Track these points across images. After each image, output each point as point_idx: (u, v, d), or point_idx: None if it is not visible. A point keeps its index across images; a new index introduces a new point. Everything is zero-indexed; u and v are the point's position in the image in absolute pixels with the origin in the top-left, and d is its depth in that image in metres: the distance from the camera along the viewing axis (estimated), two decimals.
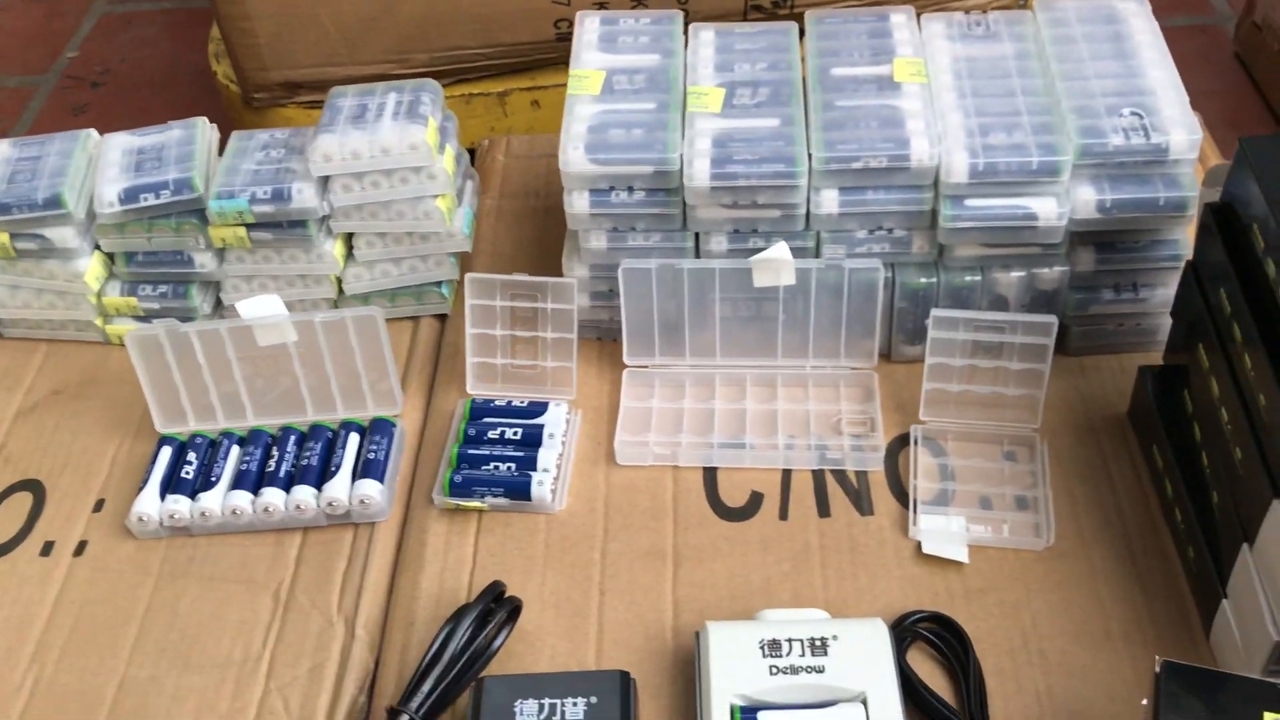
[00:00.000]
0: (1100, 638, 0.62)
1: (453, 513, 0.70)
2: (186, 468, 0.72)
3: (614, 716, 0.57)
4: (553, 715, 0.57)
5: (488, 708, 0.57)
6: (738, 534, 0.69)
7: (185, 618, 0.67)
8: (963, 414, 0.72)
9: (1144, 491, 0.69)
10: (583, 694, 0.58)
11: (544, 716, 0.57)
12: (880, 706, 0.56)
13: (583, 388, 0.76)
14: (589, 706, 0.57)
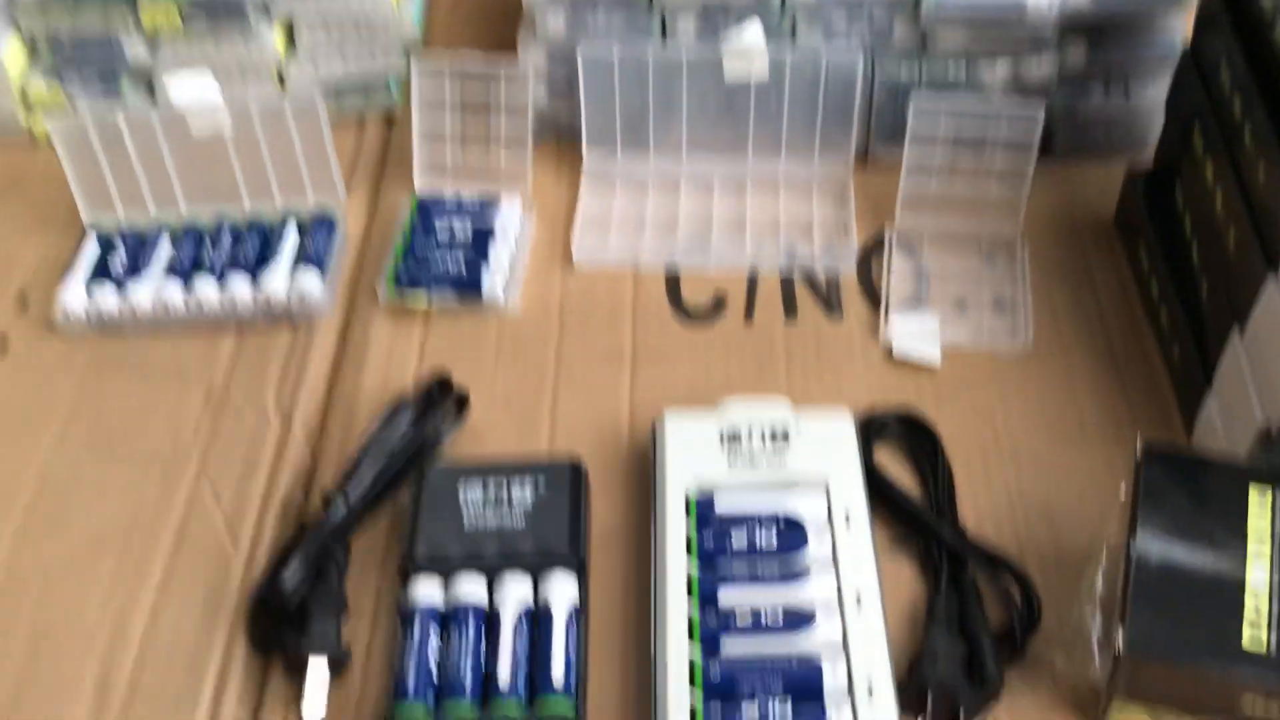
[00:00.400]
0: (1076, 437, 0.59)
1: (398, 311, 0.66)
2: (115, 260, 0.68)
3: (563, 503, 0.54)
4: (499, 501, 0.54)
5: (430, 494, 0.54)
6: (700, 336, 0.65)
7: (112, 414, 0.63)
8: (941, 216, 0.68)
9: (1127, 295, 0.65)
10: (531, 480, 0.54)
11: (489, 502, 0.54)
12: (842, 492, 0.53)
13: (541, 192, 0.72)
14: (537, 492, 0.54)
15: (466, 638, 0.51)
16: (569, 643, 0.51)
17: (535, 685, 0.50)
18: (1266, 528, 0.46)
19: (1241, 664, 0.42)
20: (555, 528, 0.53)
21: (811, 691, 0.48)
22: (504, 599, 0.52)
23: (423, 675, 0.50)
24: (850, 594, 0.50)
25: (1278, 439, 0.50)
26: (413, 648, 0.51)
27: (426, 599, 0.52)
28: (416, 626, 0.51)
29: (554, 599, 0.52)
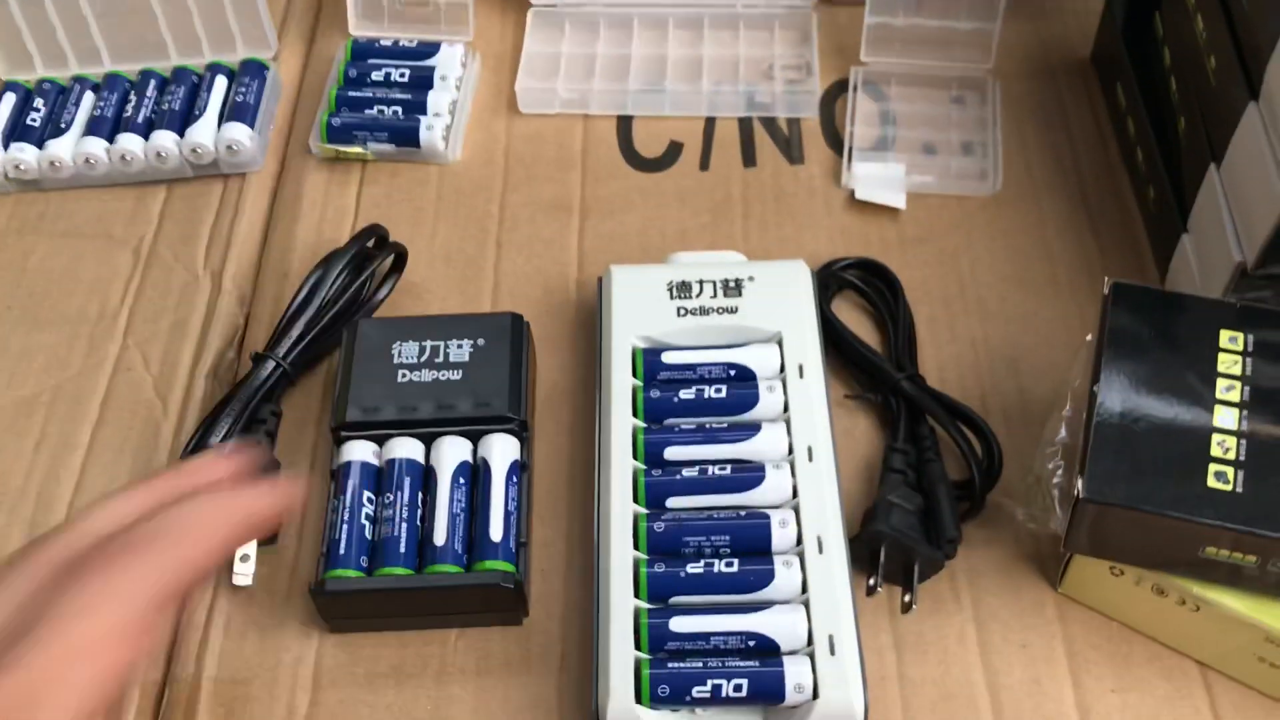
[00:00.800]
0: (1045, 284, 0.56)
1: (333, 162, 0.63)
2: (33, 115, 0.63)
3: (503, 358, 0.51)
4: (435, 356, 0.51)
5: (362, 351, 0.51)
6: (653, 185, 0.62)
7: (34, 275, 0.60)
8: (909, 53, 0.64)
9: (1103, 136, 0.62)
10: (469, 335, 0.52)
11: (425, 358, 0.51)
12: (797, 346, 0.51)
13: (483, 32, 0.67)
14: (475, 348, 0.51)
15: (401, 498, 0.48)
16: (508, 502, 0.48)
17: (474, 546, 0.47)
18: (1238, 369, 0.43)
19: (1204, 506, 0.40)
20: (494, 384, 0.50)
21: (759, 546, 0.46)
22: (440, 458, 0.49)
23: (355, 538, 0.47)
24: (802, 448, 0.48)
25: (1254, 275, 0.47)
26: (344, 510, 0.48)
27: (358, 459, 0.49)
28: (349, 488, 0.48)
29: (493, 458, 0.49)
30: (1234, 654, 0.45)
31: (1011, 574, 0.48)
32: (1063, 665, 0.46)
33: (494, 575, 0.46)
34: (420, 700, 0.47)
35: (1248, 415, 0.42)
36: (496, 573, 0.46)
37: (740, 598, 0.45)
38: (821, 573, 0.45)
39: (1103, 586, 0.46)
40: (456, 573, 0.47)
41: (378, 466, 0.49)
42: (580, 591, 0.49)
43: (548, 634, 0.48)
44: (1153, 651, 0.46)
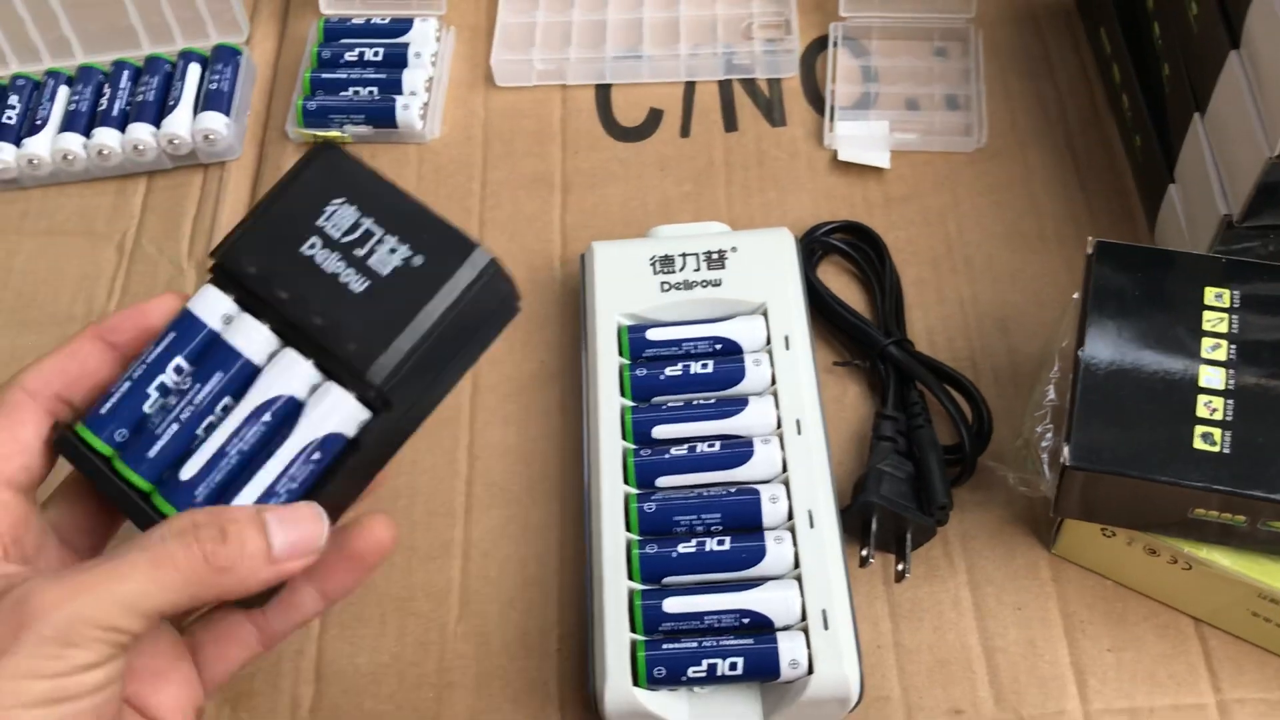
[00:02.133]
0: (1033, 240, 0.56)
1: (311, 146, 0.62)
2: (9, 113, 0.63)
3: (421, 298, 0.36)
4: (358, 245, 0.36)
5: (302, 185, 0.38)
6: (633, 155, 0.61)
7: (20, 276, 0.60)
8: (889, 6, 0.62)
9: (1089, 83, 0.61)
10: (415, 246, 0.36)
11: (348, 238, 0.36)
12: (782, 316, 0.50)
13: (456, 4, 0.66)
14: (406, 265, 0.36)
15: (199, 392, 0.36)
16: (286, 477, 0.36)
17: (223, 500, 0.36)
18: (1223, 326, 0.43)
19: (1192, 469, 0.40)
20: (383, 325, 0.36)
21: (750, 523, 0.46)
22: (265, 375, 0.36)
23: (128, 406, 0.37)
24: (790, 421, 0.48)
25: (1239, 227, 0.46)
26: (143, 365, 0.37)
27: (200, 315, 0.37)
28: (163, 343, 0.37)
29: (310, 414, 0.36)
30: (1227, 610, 0.45)
31: (1004, 537, 0.48)
32: (1058, 626, 0.46)
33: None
34: (422, 688, 0.47)
35: (1234, 374, 0.42)
36: None
37: (733, 575, 0.45)
38: (813, 547, 0.45)
39: (1095, 547, 0.46)
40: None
41: (215, 335, 0.37)
42: (574, 575, 0.49)
43: (544, 619, 0.48)
44: (1147, 609, 0.46)
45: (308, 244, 0.37)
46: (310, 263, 0.37)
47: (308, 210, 0.37)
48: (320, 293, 0.36)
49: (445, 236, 0.37)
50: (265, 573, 0.33)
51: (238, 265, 0.37)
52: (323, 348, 0.36)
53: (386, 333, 0.36)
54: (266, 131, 0.63)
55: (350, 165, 0.38)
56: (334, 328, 0.36)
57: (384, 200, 0.38)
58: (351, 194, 0.38)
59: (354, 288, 0.36)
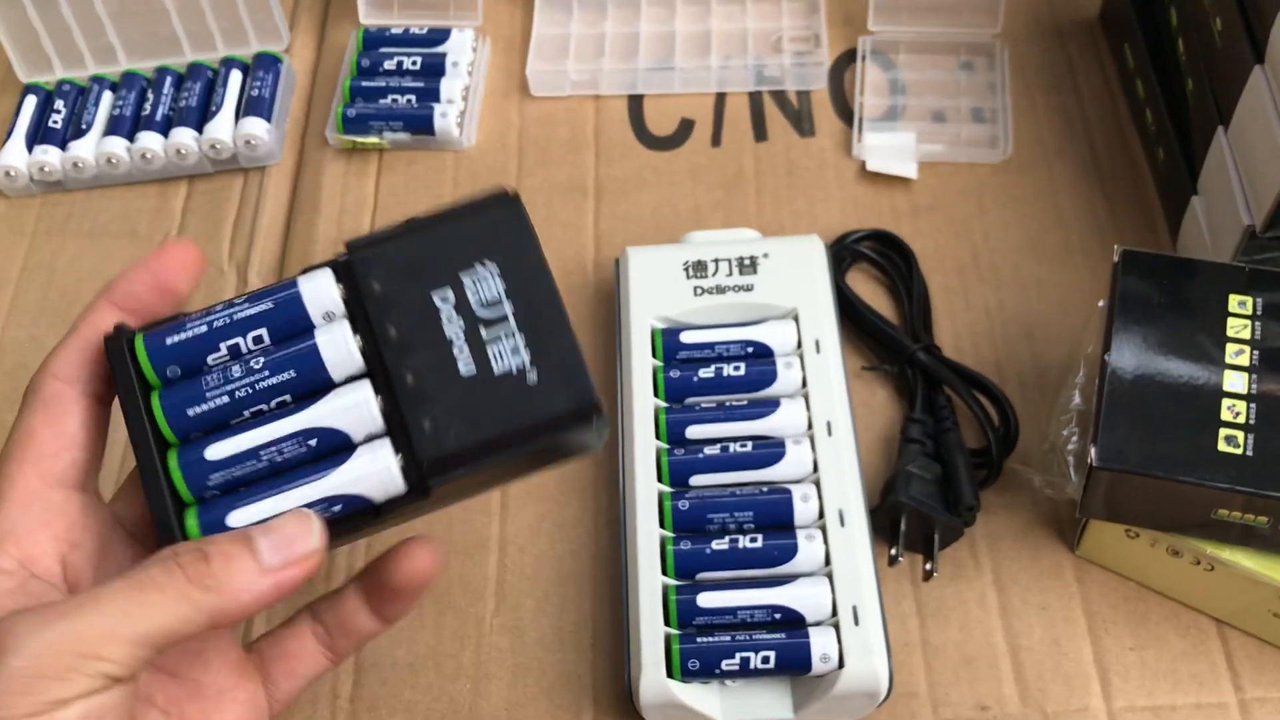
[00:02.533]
0: (1058, 250, 0.57)
1: (350, 153, 0.64)
2: (55, 117, 0.65)
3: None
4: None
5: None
6: (665, 163, 0.62)
7: (64, 275, 0.61)
8: (916, 21, 0.64)
9: (1113, 97, 0.62)
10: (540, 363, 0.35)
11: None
12: (813, 321, 0.51)
13: (492, 16, 0.68)
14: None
15: (263, 377, 0.35)
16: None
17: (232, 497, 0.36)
18: (1246, 333, 0.44)
19: (1215, 470, 0.41)
20: (465, 422, 0.34)
21: (782, 521, 0.47)
22: (330, 400, 0.35)
23: (192, 351, 0.35)
24: (821, 422, 0.49)
25: (1262, 237, 0.48)
26: (222, 318, 0.35)
27: (309, 291, 0.35)
28: (255, 307, 0.35)
29: (353, 467, 0.35)
30: (1248, 610, 0.46)
31: (1030, 538, 0.49)
32: (1082, 625, 0.47)
33: (175, 541, 0.34)
34: (459, 680, 0.48)
35: (1257, 379, 0.43)
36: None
37: (765, 572, 0.46)
38: (844, 545, 0.46)
39: (1119, 548, 0.47)
40: (190, 523, 0.34)
41: (309, 325, 0.36)
42: (609, 570, 0.50)
43: (579, 613, 0.49)
44: (1169, 610, 0.47)
45: (441, 293, 0.35)
46: (434, 315, 0.34)
47: (460, 256, 0.35)
48: (426, 353, 0.34)
49: (570, 369, 0.34)
50: (262, 584, 0.32)
51: (366, 273, 0.35)
52: (398, 407, 0.34)
53: (463, 433, 0.34)
54: (306, 137, 0.65)
55: (524, 233, 0.36)
56: (420, 395, 0.34)
57: (535, 291, 0.35)
58: (508, 264, 0.35)
59: (459, 367, 0.34)
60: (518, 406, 0.34)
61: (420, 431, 0.34)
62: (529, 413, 0.34)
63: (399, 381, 0.34)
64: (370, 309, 0.34)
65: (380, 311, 0.34)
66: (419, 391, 0.34)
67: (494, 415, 0.34)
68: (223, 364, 0.35)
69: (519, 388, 0.34)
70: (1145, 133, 0.59)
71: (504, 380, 0.34)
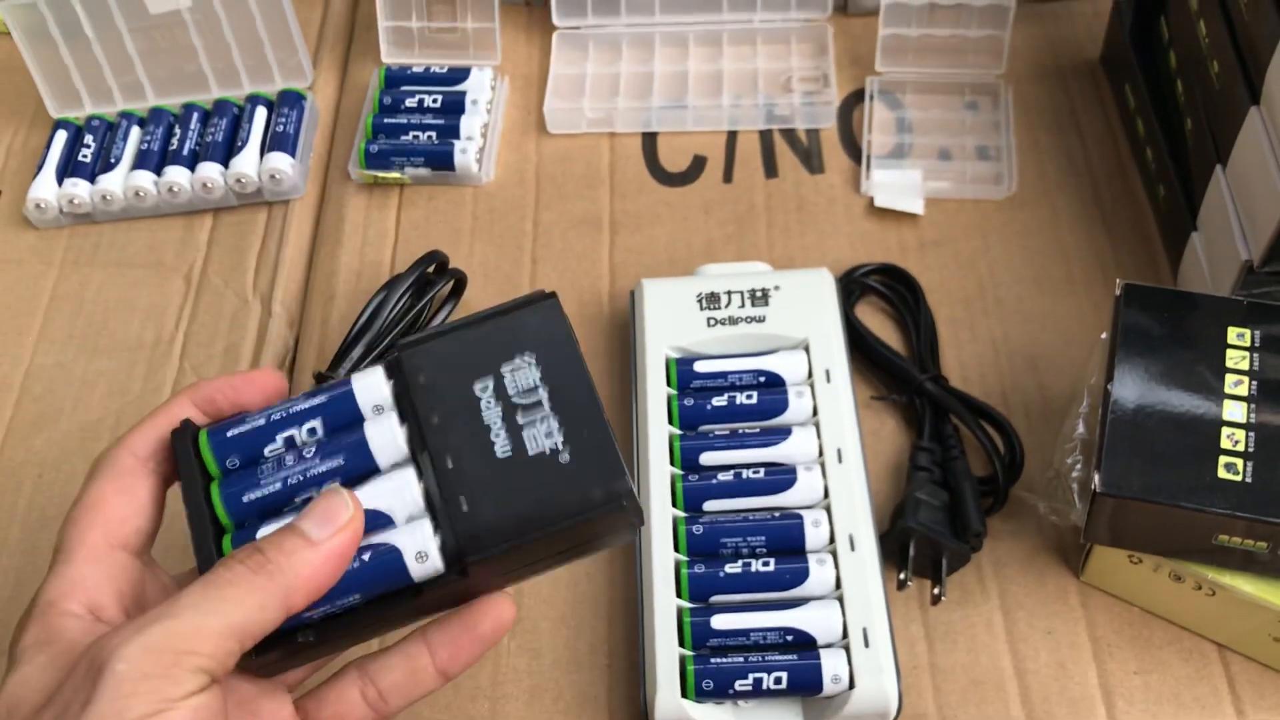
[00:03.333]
0: (1061, 283, 0.59)
1: (372, 187, 0.65)
2: (84, 151, 0.67)
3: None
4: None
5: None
6: (678, 199, 0.64)
7: (92, 305, 0.63)
8: (922, 62, 0.66)
9: (1114, 136, 0.64)
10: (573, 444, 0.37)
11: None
12: (823, 351, 0.53)
13: (511, 55, 0.70)
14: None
15: (315, 465, 0.37)
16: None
17: None
18: (1245, 364, 0.46)
19: (1216, 497, 0.42)
20: (500, 503, 0.36)
21: (794, 546, 0.48)
22: (375, 484, 0.37)
23: (251, 443, 0.38)
24: (831, 450, 0.50)
25: (1259, 272, 0.49)
26: (280, 412, 0.38)
27: (361, 388, 0.38)
28: (311, 401, 0.38)
29: (386, 532, 0.37)
30: (1250, 635, 0.47)
31: (1035, 564, 0.51)
32: (1086, 650, 0.48)
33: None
34: (477, 700, 0.49)
35: (1255, 408, 0.44)
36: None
37: (777, 595, 0.48)
38: (854, 569, 0.47)
39: (1123, 574, 0.48)
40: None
41: (359, 417, 0.38)
42: (625, 593, 0.51)
43: (594, 635, 0.50)
44: (1172, 634, 0.49)
45: (481, 384, 0.37)
46: (474, 403, 0.37)
47: (501, 350, 0.38)
48: (466, 437, 0.36)
49: (602, 450, 0.36)
50: (316, 558, 0.34)
51: (414, 366, 0.37)
52: (439, 485, 0.36)
53: (498, 509, 0.36)
54: (328, 172, 0.67)
55: (560, 327, 0.38)
56: (459, 476, 0.36)
57: (569, 380, 0.37)
58: (545, 355, 0.38)
59: (496, 450, 0.36)
60: (551, 484, 0.36)
61: (457, 508, 0.36)
62: (561, 490, 0.36)
63: (439, 465, 0.36)
64: (416, 400, 0.37)
65: (425, 401, 0.37)
66: (458, 472, 0.36)
67: (528, 492, 0.36)
68: (278, 454, 0.38)
69: (552, 467, 0.36)
70: (1146, 170, 0.61)
71: (538, 460, 0.36)
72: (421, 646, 0.39)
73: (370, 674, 0.40)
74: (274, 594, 0.33)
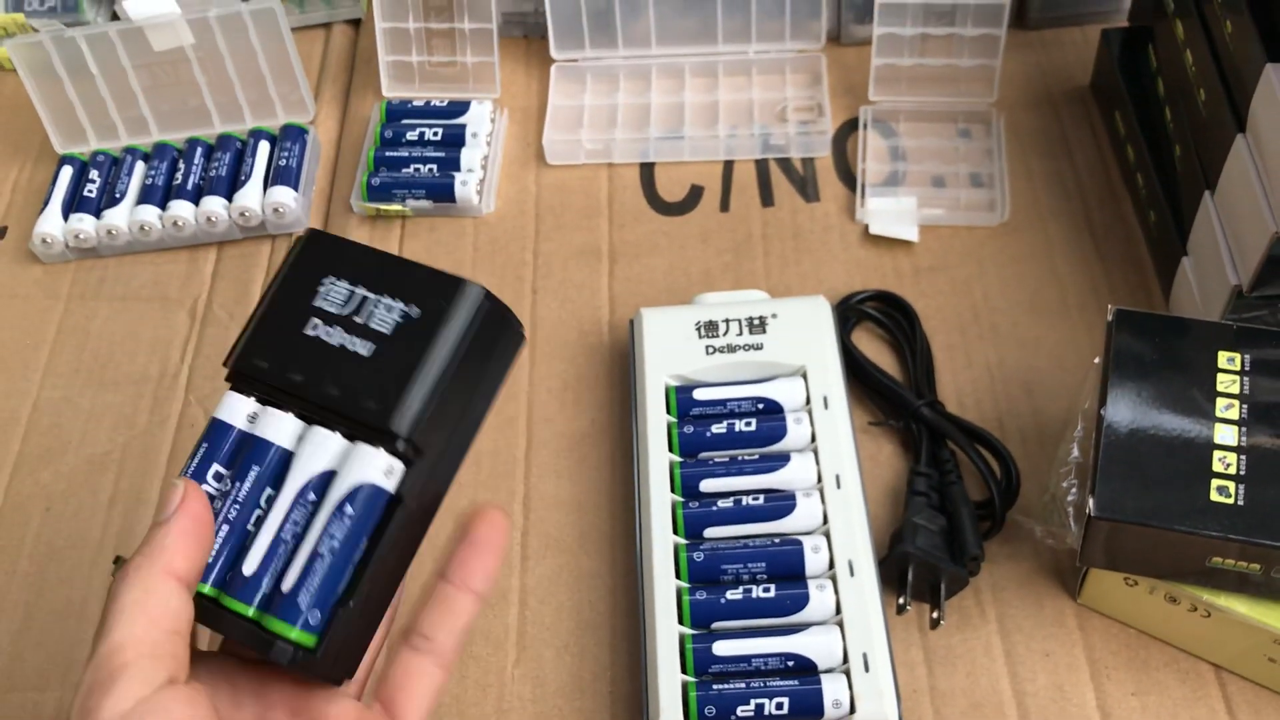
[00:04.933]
0: (1055, 309, 0.59)
1: (374, 219, 0.66)
2: (90, 186, 0.67)
3: (422, 344, 0.37)
4: (357, 313, 0.38)
5: (296, 276, 0.39)
6: (676, 228, 0.65)
7: (98, 338, 0.64)
8: (915, 91, 0.67)
9: (1105, 162, 0.65)
10: (408, 296, 0.38)
11: (347, 309, 0.38)
12: (820, 378, 0.54)
13: (510, 88, 0.71)
14: (405, 318, 0.38)
15: (239, 490, 0.38)
16: (324, 539, 0.36)
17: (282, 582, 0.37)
18: (1236, 388, 0.46)
19: (1209, 520, 0.43)
20: (391, 377, 0.37)
21: (794, 572, 0.49)
22: (299, 457, 0.38)
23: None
24: (830, 476, 0.51)
25: (1249, 297, 0.50)
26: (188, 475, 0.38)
27: (226, 419, 0.39)
28: (199, 454, 0.38)
29: (341, 475, 0.37)
30: (1245, 656, 0.47)
31: (1032, 587, 0.51)
32: (1084, 672, 0.49)
33: (270, 641, 0.36)
34: None
35: (1246, 431, 0.45)
36: (274, 638, 0.36)
37: (778, 621, 0.48)
38: (853, 594, 0.48)
39: (1119, 596, 0.49)
40: (245, 618, 0.36)
41: (244, 434, 0.39)
42: (627, 620, 0.52)
43: (597, 662, 0.51)
44: (1169, 656, 0.49)
45: (310, 325, 0.38)
46: (317, 342, 0.38)
47: (303, 296, 0.39)
48: (332, 366, 0.37)
49: (434, 282, 0.38)
50: (168, 529, 0.35)
51: (250, 366, 0.38)
52: (345, 416, 0.37)
53: (399, 383, 0.37)
54: (331, 204, 0.68)
55: (334, 243, 0.40)
56: (351, 394, 0.37)
57: (370, 266, 0.39)
58: (340, 269, 0.39)
59: (362, 352, 0.37)
60: (421, 336, 0.37)
61: (370, 413, 0.37)
62: (430, 332, 0.37)
63: (333, 402, 0.37)
64: (274, 382, 0.38)
65: (280, 376, 0.38)
66: (349, 393, 0.37)
67: (409, 357, 0.37)
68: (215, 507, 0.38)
69: (412, 326, 0.37)
70: (1136, 196, 0.62)
71: (398, 332, 0.37)
72: (444, 584, 0.39)
73: (414, 631, 0.40)
74: (154, 575, 0.34)
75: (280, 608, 0.36)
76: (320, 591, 0.36)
